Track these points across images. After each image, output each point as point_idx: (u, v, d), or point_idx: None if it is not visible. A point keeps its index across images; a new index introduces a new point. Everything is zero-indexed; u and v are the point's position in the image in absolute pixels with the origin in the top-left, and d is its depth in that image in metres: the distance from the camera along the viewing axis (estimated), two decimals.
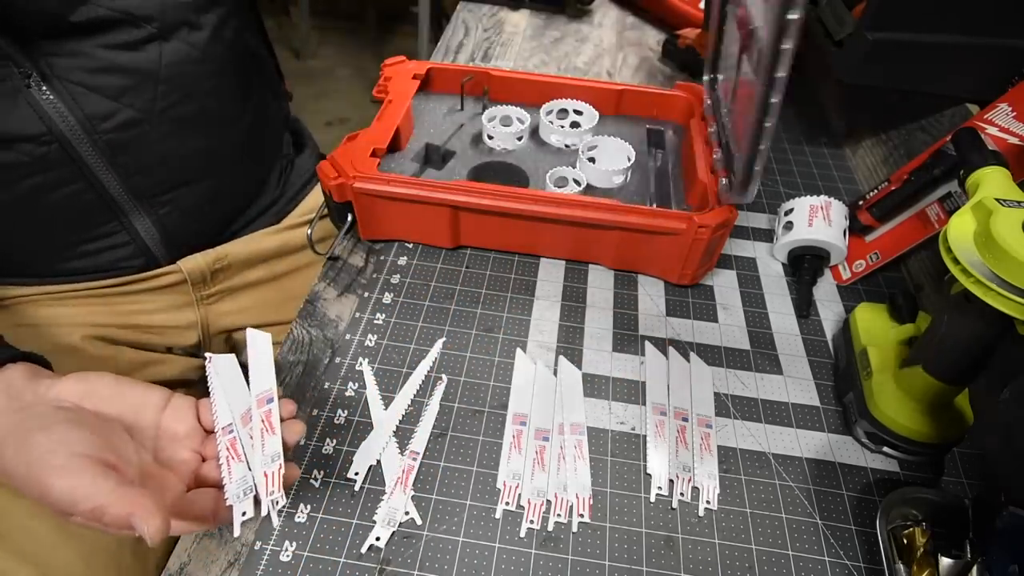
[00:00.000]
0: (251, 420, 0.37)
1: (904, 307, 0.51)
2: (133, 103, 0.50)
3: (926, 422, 0.45)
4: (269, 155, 0.67)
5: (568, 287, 0.59)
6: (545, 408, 0.49)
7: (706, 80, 0.66)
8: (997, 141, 0.50)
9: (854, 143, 0.79)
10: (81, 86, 0.47)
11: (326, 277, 0.59)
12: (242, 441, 0.36)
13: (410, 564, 0.40)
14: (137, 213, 0.54)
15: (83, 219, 0.52)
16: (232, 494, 0.34)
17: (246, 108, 0.61)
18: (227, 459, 0.35)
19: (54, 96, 0.46)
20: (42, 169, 0.48)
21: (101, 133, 0.49)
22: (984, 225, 0.37)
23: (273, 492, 0.35)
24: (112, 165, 0.51)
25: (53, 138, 0.47)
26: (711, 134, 0.61)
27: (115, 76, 0.48)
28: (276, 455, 0.36)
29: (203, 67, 0.54)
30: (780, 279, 0.61)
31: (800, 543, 0.42)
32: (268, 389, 0.38)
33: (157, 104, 0.51)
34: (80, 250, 0.54)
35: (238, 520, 0.34)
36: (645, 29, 1.05)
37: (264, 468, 0.35)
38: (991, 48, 0.59)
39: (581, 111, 0.67)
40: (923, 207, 0.56)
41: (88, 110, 0.48)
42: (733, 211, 0.53)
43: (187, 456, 0.37)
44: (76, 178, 0.50)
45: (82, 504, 0.30)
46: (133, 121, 0.50)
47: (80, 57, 0.47)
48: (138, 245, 0.56)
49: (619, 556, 0.41)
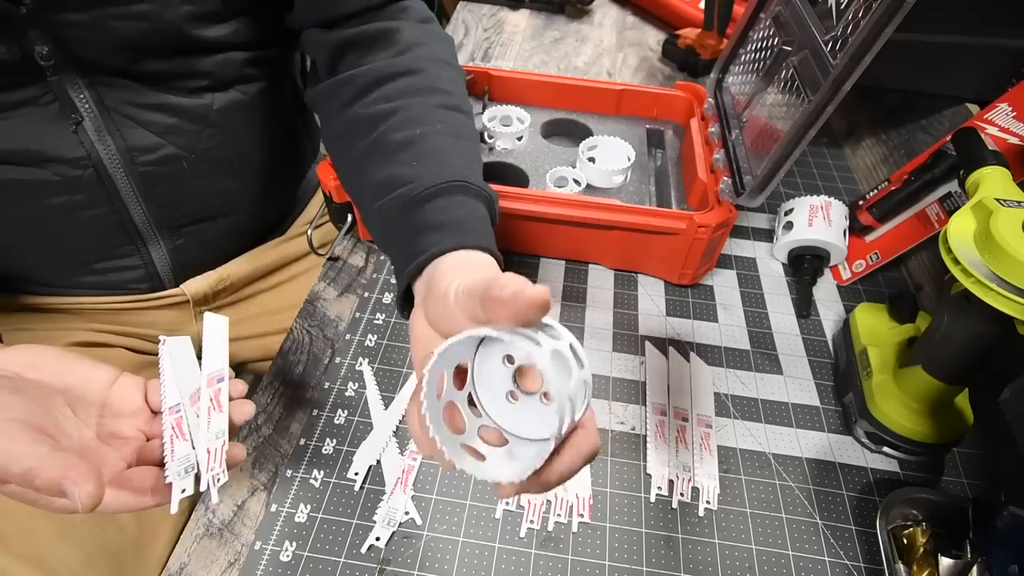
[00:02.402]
0: (200, 400, 0.36)
1: (904, 307, 0.51)
2: (176, 141, 0.50)
3: (926, 422, 0.45)
4: (289, 192, 0.67)
5: (568, 287, 0.59)
6: None
7: (713, 79, 0.67)
8: (997, 141, 0.50)
9: (854, 143, 0.79)
10: (130, 119, 0.48)
11: (326, 277, 0.59)
12: (189, 421, 0.36)
13: (410, 564, 0.40)
14: (155, 242, 0.54)
15: (100, 240, 0.53)
16: (172, 471, 0.34)
17: (281, 152, 0.62)
18: (171, 438, 0.35)
19: (102, 123, 0.47)
20: (72, 190, 0.48)
21: (139, 165, 0.49)
22: (984, 225, 0.37)
23: (214, 468, 0.34)
24: (143, 196, 0.51)
25: (90, 163, 0.47)
26: (711, 134, 0.61)
27: (165, 114, 0.49)
28: (221, 432, 0.35)
29: (251, 115, 0.55)
30: (780, 279, 0.61)
31: (800, 543, 0.42)
32: (219, 369, 0.37)
33: (200, 144, 0.52)
34: (92, 267, 0.54)
35: (176, 498, 0.33)
36: (645, 29, 1.05)
37: (208, 444, 0.35)
38: (991, 48, 0.59)
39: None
40: (923, 207, 0.56)
41: (131, 142, 0.48)
42: (733, 211, 0.53)
43: (131, 434, 0.36)
44: (103, 203, 0.50)
45: (13, 467, 0.29)
46: (173, 157, 0.51)
47: (134, 93, 0.47)
48: (148, 271, 0.56)
49: (619, 556, 0.41)
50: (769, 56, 0.56)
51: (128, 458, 0.35)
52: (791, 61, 0.51)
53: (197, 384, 0.37)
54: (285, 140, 0.62)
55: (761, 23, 0.60)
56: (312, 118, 0.69)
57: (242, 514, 0.42)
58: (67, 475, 0.29)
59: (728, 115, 0.62)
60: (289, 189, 0.67)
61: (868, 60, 0.40)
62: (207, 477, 0.34)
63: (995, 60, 0.58)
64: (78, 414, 0.35)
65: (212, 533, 0.41)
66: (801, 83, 0.48)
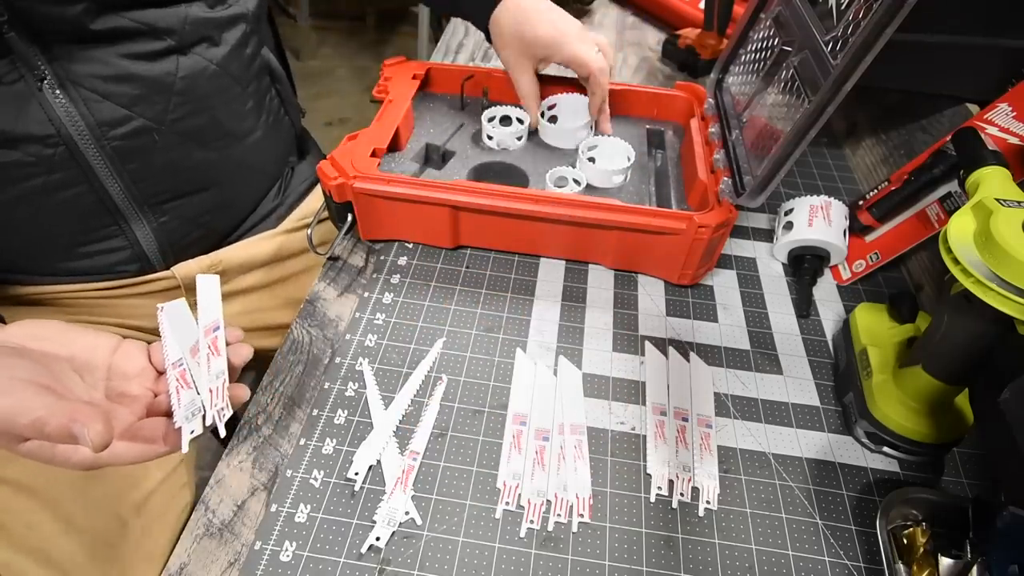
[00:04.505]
0: (200, 351, 0.38)
1: (904, 307, 0.51)
2: (144, 112, 0.50)
3: (926, 422, 0.45)
4: (274, 168, 0.67)
5: (568, 287, 0.59)
6: (545, 408, 0.49)
7: (713, 79, 0.67)
8: (997, 141, 0.50)
9: (854, 143, 0.79)
10: (95, 92, 0.47)
11: (326, 277, 0.59)
12: (191, 370, 0.37)
13: (410, 564, 0.40)
14: (137, 220, 0.54)
15: (83, 222, 0.52)
16: (180, 416, 0.35)
17: (257, 123, 0.61)
18: (176, 388, 0.36)
19: (66, 100, 0.46)
20: (46, 171, 0.48)
21: (110, 140, 0.49)
22: (984, 225, 0.37)
23: (217, 403, 0.36)
24: (117, 172, 0.51)
25: (61, 141, 0.47)
26: (711, 134, 0.61)
27: (129, 85, 0.49)
28: (221, 372, 0.37)
29: (218, 81, 0.54)
30: (780, 279, 0.61)
31: (800, 543, 0.42)
32: (215, 320, 0.39)
33: (168, 115, 0.51)
34: (77, 252, 0.54)
35: (186, 439, 0.35)
36: (645, 29, 1.05)
37: (209, 385, 0.36)
38: (991, 48, 0.59)
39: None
40: (923, 207, 0.56)
41: (99, 116, 0.48)
42: (733, 211, 0.53)
43: (138, 392, 0.37)
44: (79, 181, 0.50)
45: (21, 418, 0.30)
46: (143, 130, 0.50)
47: (96, 64, 0.47)
48: (135, 251, 0.56)
49: (619, 556, 0.41)
50: (769, 56, 0.56)
51: (138, 413, 0.36)
52: (791, 61, 0.51)
53: (195, 337, 0.39)
54: (260, 110, 0.62)
55: (761, 23, 0.61)
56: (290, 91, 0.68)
57: (242, 514, 0.42)
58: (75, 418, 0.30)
59: (728, 115, 0.62)
60: (272, 166, 0.66)
61: (869, 60, 0.40)
62: (212, 413, 0.35)
63: (995, 60, 0.58)
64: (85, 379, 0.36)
65: (212, 533, 0.41)
66: (801, 83, 0.48)
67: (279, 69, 0.65)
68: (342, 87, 2.36)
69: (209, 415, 0.35)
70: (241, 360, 0.38)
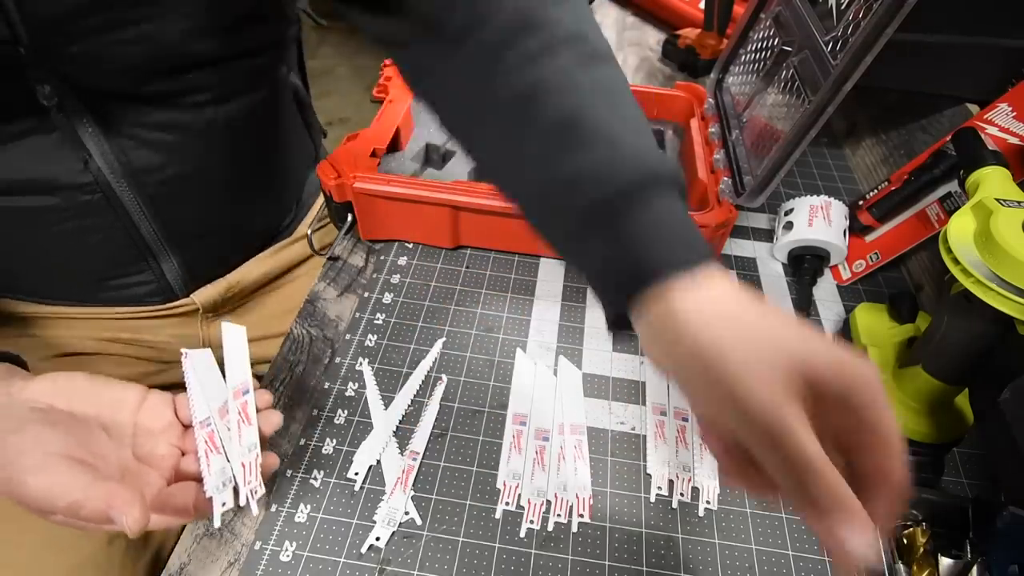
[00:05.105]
0: (228, 413, 0.37)
1: (904, 307, 0.51)
2: (184, 159, 0.50)
3: (926, 422, 0.45)
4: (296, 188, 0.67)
5: (568, 287, 0.59)
6: (545, 408, 0.49)
7: (713, 79, 0.67)
8: (997, 141, 0.50)
9: (854, 143, 0.79)
10: (134, 140, 0.47)
11: (326, 277, 0.59)
12: (220, 434, 0.37)
13: (410, 564, 0.40)
14: (166, 256, 0.54)
15: (112, 259, 0.52)
16: (211, 486, 0.35)
17: (287, 158, 0.61)
18: (206, 452, 0.36)
19: (106, 148, 0.46)
20: (81, 215, 0.48)
21: (146, 185, 0.49)
22: (984, 225, 0.37)
23: (251, 481, 0.35)
24: (151, 215, 0.50)
25: (98, 188, 0.47)
26: (711, 134, 0.61)
27: (170, 133, 0.48)
28: (253, 445, 0.36)
29: (255, 125, 0.54)
30: (780, 279, 0.61)
31: (800, 543, 0.42)
32: (244, 381, 0.38)
33: (206, 160, 0.51)
34: (105, 285, 0.54)
35: (218, 511, 0.34)
36: (645, 29, 1.05)
37: (241, 459, 0.36)
38: (991, 48, 0.59)
39: None
40: (923, 207, 0.56)
41: (137, 163, 0.47)
42: (733, 211, 0.53)
43: (166, 451, 0.36)
44: (113, 224, 0.49)
45: (58, 501, 0.30)
46: (180, 175, 0.50)
47: (139, 115, 0.46)
48: (160, 284, 0.55)
49: (619, 556, 0.41)
50: (769, 56, 0.56)
51: (167, 474, 0.36)
52: (791, 61, 0.51)
53: (223, 396, 0.38)
54: (289, 142, 0.62)
55: (761, 23, 0.61)
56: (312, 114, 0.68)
57: (242, 514, 0.42)
58: (112, 504, 0.30)
59: (728, 115, 0.62)
60: (295, 189, 0.66)
61: (869, 60, 0.40)
62: (245, 491, 0.35)
63: (995, 60, 0.58)
64: (112, 436, 0.36)
65: (212, 533, 0.41)
66: (801, 83, 0.49)
67: (304, 95, 0.64)
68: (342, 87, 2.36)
69: (242, 493, 0.35)
70: (272, 428, 0.37)
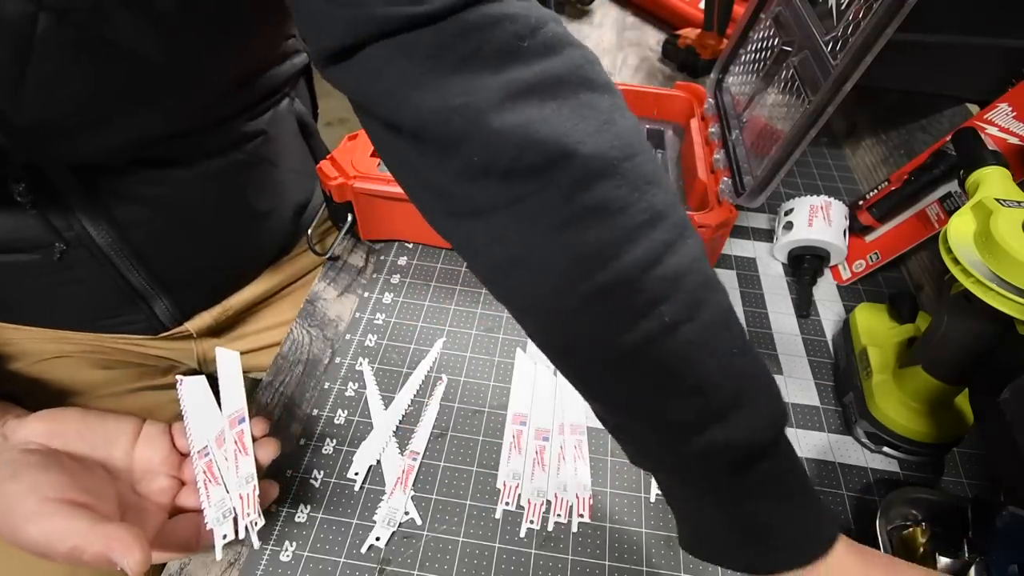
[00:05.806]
0: (225, 442, 0.37)
1: (904, 307, 0.51)
2: (173, 211, 0.48)
3: (926, 422, 0.45)
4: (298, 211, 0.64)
5: None
6: (545, 408, 0.49)
7: (713, 79, 0.67)
8: (997, 141, 0.50)
9: (854, 143, 0.79)
10: (121, 198, 0.45)
11: (326, 277, 0.59)
12: (218, 463, 0.37)
13: (410, 564, 0.40)
14: (156, 299, 0.52)
15: (102, 305, 0.51)
16: (212, 518, 0.35)
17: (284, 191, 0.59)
18: (204, 483, 0.36)
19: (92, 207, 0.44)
20: (66, 267, 0.46)
21: (133, 236, 0.47)
22: (984, 225, 0.37)
23: (250, 514, 0.35)
24: (139, 265, 0.49)
25: (82, 244, 0.45)
26: (711, 134, 0.61)
27: (158, 187, 0.46)
28: (250, 476, 0.36)
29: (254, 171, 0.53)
30: (780, 279, 0.61)
31: None
32: (239, 409, 0.38)
33: (197, 210, 0.49)
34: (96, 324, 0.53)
35: (219, 543, 0.34)
36: (645, 29, 1.05)
37: (239, 490, 0.35)
38: (991, 48, 0.59)
39: None
40: (923, 207, 0.56)
41: (124, 219, 0.46)
42: (733, 211, 0.53)
43: (165, 484, 0.37)
44: (100, 275, 0.48)
45: (58, 547, 0.30)
46: (170, 227, 0.48)
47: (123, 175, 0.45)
48: (151, 323, 0.54)
49: (619, 556, 0.41)
50: (769, 56, 0.56)
51: (167, 506, 0.36)
52: (791, 61, 0.51)
53: (219, 424, 0.38)
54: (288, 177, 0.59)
55: (761, 23, 0.61)
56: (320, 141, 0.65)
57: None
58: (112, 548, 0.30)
59: (728, 115, 0.62)
60: (295, 216, 0.64)
61: (869, 60, 0.40)
62: (244, 523, 0.35)
63: (995, 60, 0.58)
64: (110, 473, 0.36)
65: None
66: (801, 83, 0.49)
67: (310, 122, 0.62)
68: None
69: (241, 526, 0.35)
70: (268, 458, 0.37)
